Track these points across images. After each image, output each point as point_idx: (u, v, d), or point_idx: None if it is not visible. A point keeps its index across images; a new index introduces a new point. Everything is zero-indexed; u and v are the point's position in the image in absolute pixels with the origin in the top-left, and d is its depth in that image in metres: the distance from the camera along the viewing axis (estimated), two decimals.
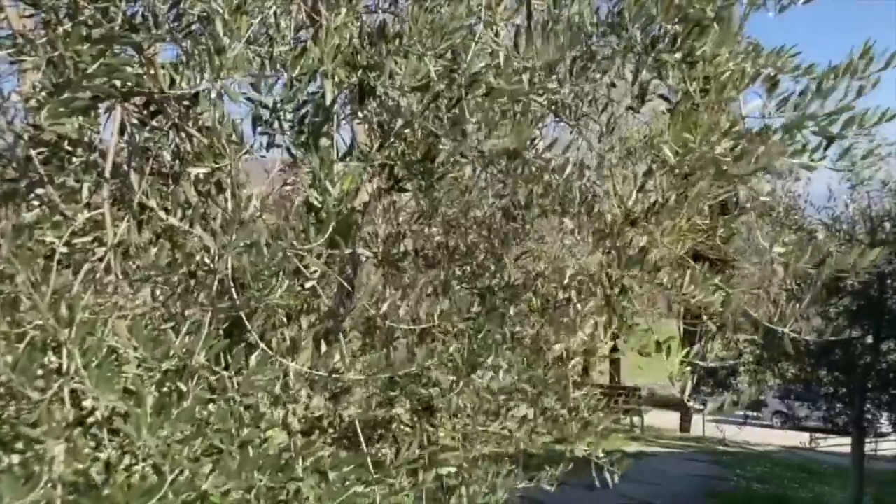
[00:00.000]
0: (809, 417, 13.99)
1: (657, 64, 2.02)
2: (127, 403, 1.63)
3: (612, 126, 2.57)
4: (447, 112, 1.80)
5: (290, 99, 1.83)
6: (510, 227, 2.29)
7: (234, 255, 1.72)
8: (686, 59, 1.91)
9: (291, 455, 1.91)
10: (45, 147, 1.89)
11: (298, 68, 1.85)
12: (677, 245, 2.36)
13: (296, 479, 1.82)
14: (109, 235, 1.88)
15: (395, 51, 1.82)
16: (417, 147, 1.97)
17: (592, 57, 2.00)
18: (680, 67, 1.90)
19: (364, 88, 1.94)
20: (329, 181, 1.62)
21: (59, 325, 1.69)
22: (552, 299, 2.40)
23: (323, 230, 1.64)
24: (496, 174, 2.33)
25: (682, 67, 1.88)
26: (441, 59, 1.87)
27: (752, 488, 14.79)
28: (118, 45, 1.77)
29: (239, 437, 1.85)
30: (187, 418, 1.68)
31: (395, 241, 2.97)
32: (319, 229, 1.66)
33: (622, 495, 12.69)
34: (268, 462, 1.87)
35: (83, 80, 1.53)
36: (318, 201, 1.64)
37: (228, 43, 1.71)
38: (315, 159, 1.67)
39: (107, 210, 1.89)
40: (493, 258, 2.42)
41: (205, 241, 1.71)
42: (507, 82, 1.73)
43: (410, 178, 2.07)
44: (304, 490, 1.81)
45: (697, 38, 2.11)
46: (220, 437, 1.80)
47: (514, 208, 2.29)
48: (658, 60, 2.01)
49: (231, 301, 1.83)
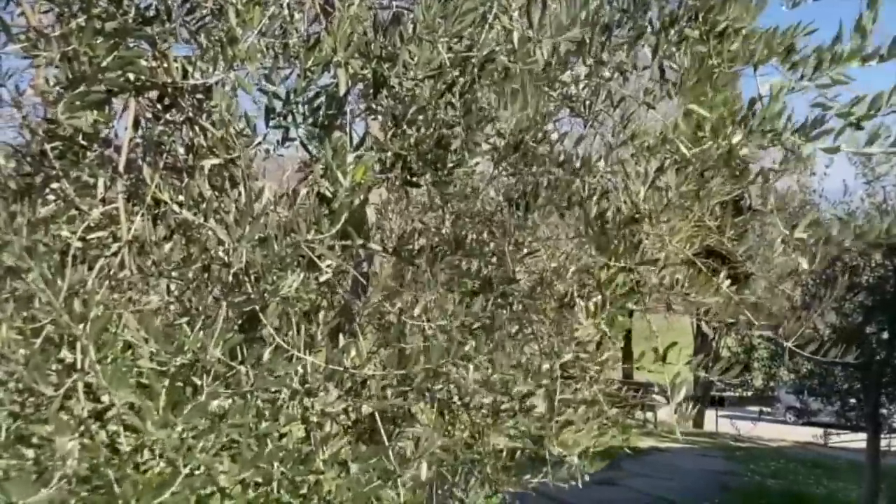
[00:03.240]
0: (823, 412, 13.91)
1: (679, 39, 1.99)
2: (139, 398, 1.62)
3: (626, 121, 2.55)
4: (460, 98, 1.79)
5: (303, 90, 1.81)
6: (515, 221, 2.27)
7: (248, 248, 1.71)
8: (710, 32, 1.88)
9: (311, 448, 1.90)
10: (60, 142, 1.88)
11: (312, 59, 1.84)
12: (686, 244, 2.34)
13: (316, 472, 1.82)
14: (124, 230, 1.88)
15: (410, 39, 1.81)
16: (430, 137, 1.95)
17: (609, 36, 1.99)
18: (702, 42, 1.87)
19: (378, 80, 1.93)
20: (341, 172, 1.60)
21: (73, 321, 1.69)
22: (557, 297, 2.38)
23: (335, 221, 1.63)
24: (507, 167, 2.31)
25: (708, 40, 1.86)
26: (455, 46, 1.85)
27: (766, 484, 14.71)
28: (132, 39, 1.76)
29: (256, 430, 1.84)
30: (201, 412, 1.67)
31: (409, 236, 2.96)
32: (332, 220, 1.65)
33: (634, 490, 12.67)
34: (287, 455, 1.86)
35: (97, 74, 1.52)
36: (330, 192, 1.63)
37: (241, 33, 1.70)
38: (327, 150, 1.66)
39: (121, 205, 1.89)
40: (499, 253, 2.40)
41: (218, 235, 1.70)
42: (522, 62, 1.71)
43: (424, 170, 2.05)
44: (324, 482, 1.80)
45: (720, 11, 2.08)
46: (238, 430, 1.79)
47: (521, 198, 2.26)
48: (679, 36, 1.99)
49: (245, 295, 1.83)
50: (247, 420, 1.83)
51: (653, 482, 13.64)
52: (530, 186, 2.44)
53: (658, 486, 13.31)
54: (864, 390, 11.60)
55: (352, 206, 1.69)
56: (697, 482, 14.17)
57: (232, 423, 1.81)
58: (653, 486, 13.33)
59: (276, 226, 1.76)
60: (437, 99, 1.82)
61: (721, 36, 1.88)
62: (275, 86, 1.80)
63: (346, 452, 1.79)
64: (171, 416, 1.62)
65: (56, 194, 1.91)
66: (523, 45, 1.77)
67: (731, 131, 2.27)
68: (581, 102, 2.67)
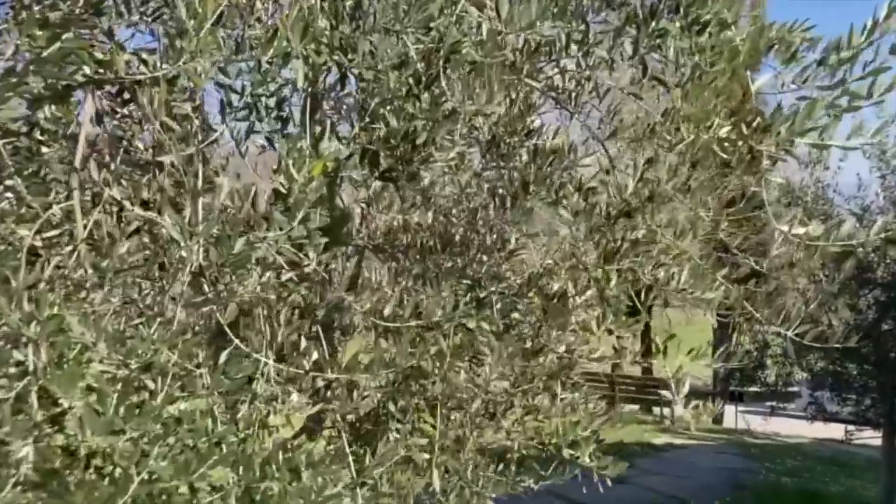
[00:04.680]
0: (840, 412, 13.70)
1: (659, 33, 1.91)
2: (88, 402, 1.56)
3: (613, 112, 2.47)
4: (425, 89, 1.71)
5: (260, 83, 1.75)
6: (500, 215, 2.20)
7: (203, 246, 1.65)
8: (692, 27, 1.79)
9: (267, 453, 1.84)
10: (13, 137, 1.83)
11: (272, 51, 1.77)
12: (681, 238, 2.25)
13: (269, 479, 1.75)
14: (79, 228, 1.82)
15: (371, 29, 1.73)
16: (399, 131, 1.88)
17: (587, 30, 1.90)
18: (685, 36, 1.79)
19: (342, 72, 1.86)
20: (295, 167, 1.53)
21: (23, 322, 1.63)
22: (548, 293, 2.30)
23: (290, 217, 1.56)
24: (488, 161, 2.24)
25: (689, 36, 1.77)
26: (422, 38, 1.78)
27: (781, 481, 14.52)
28: (83, 30, 1.70)
29: (213, 434, 1.78)
30: (153, 418, 1.61)
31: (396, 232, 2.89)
32: (288, 217, 1.59)
33: (647, 488, 12.55)
34: (242, 460, 1.81)
35: (30, 66, 1.46)
36: (285, 188, 1.56)
37: (193, 25, 1.64)
38: (283, 144, 1.59)
39: (76, 202, 1.83)
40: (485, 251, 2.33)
41: (171, 233, 1.64)
42: (489, 55, 1.64)
43: (395, 165, 1.98)
44: (274, 489, 1.74)
45: (702, 5, 2.00)
46: (192, 435, 1.73)
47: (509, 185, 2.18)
48: (659, 30, 1.90)
49: (203, 296, 1.77)
50: (204, 424, 1.77)
51: (666, 480, 13.50)
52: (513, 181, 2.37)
53: (671, 484, 13.19)
54: (880, 388, 11.41)
55: (310, 203, 1.62)
56: (712, 479, 14.02)
57: (189, 428, 1.75)
58: (666, 483, 13.20)
59: (234, 223, 1.70)
60: (400, 91, 1.75)
61: (702, 31, 1.79)
62: (230, 79, 1.74)
63: (300, 459, 1.72)
64: (119, 422, 1.56)
65: (12, 191, 1.86)
66: (492, 38, 1.69)
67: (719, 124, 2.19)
68: (567, 94, 2.59)
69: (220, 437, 1.76)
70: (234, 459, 1.77)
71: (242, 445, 1.82)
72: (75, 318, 1.55)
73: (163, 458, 1.69)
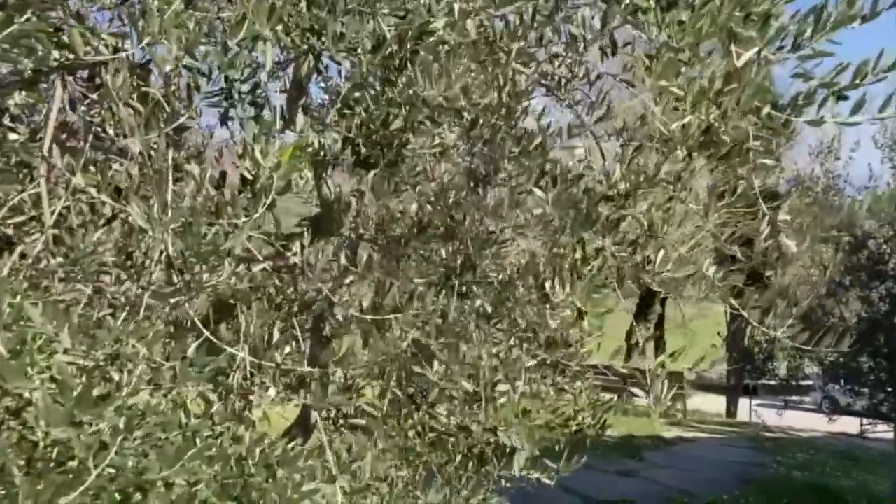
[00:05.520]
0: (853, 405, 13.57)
1: (631, 7, 1.84)
2: (43, 392, 1.52)
3: (602, 98, 2.40)
4: (397, 73, 1.66)
5: (230, 65, 1.69)
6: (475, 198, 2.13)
7: (170, 235, 1.60)
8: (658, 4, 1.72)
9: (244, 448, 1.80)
10: None
11: (241, 34, 1.72)
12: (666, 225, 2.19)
13: (246, 474, 1.71)
14: (46, 215, 1.78)
15: (343, 11, 1.68)
16: (377, 117, 1.83)
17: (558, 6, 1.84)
18: (655, 11, 1.72)
19: (315, 55, 1.81)
20: (261, 153, 1.48)
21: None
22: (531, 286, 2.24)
23: (255, 205, 1.51)
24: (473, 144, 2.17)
25: (657, 11, 1.70)
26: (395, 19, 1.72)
27: (792, 475, 14.38)
28: (44, 12, 1.65)
29: (186, 428, 1.74)
30: (116, 409, 1.57)
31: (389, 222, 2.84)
32: (254, 204, 1.53)
33: (654, 481, 12.47)
34: (218, 454, 1.76)
35: None
36: (251, 174, 1.51)
37: (157, 6, 1.59)
38: (249, 129, 1.54)
39: (43, 189, 1.78)
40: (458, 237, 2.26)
41: (138, 221, 1.59)
42: (459, 34, 1.58)
43: (373, 152, 1.93)
44: (252, 484, 1.70)
45: None
46: (163, 427, 1.69)
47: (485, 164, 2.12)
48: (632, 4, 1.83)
49: (172, 286, 1.72)
50: (175, 417, 1.73)
51: (675, 473, 13.41)
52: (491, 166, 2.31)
53: (679, 478, 13.08)
54: (893, 381, 11.29)
55: (276, 190, 1.57)
56: (720, 473, 13.91)
57: (160, 421, 1.71)
58: (674, 477, 13.10)
59: (202, 212, 1.65)
60: (373, 75, 1.70)
61: (670, 8, 1.71)
62: (197, 62, 1.68)
63: (275, 454, 1.67)
64: (78, 414, 1.52)
65: None
66: (462, 19, 1.63)
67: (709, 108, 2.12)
68: (557, 81, 2.53)
69: (193, 431, 1.72)
70: (210, 455, 1.73)
71: (220, 439, 1.77)
72: (37, 307, 1.51)
73: (130, 452, 1.65)
